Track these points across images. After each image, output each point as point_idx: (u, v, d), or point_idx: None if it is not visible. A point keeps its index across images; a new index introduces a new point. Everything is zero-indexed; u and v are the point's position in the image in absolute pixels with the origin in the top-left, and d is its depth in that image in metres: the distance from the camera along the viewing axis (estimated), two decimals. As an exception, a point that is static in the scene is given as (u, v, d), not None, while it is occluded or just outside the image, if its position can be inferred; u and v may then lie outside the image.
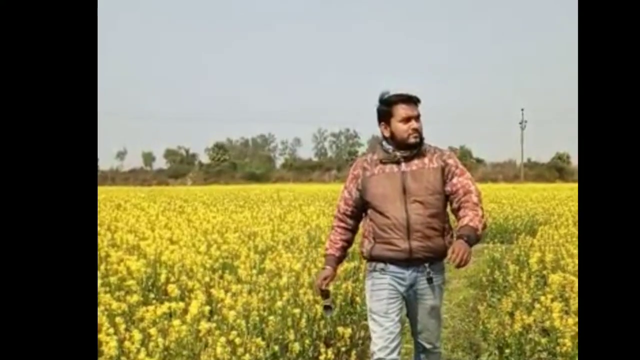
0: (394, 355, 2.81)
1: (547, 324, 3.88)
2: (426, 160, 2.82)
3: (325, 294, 2.92)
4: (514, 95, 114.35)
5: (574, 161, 57.40)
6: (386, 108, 2.83)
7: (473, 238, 2.66)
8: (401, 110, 2.79)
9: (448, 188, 2.80)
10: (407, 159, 2.81)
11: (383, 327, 2.82)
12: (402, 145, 2.80)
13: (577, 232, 6.75)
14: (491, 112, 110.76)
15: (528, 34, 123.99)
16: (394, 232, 2.75)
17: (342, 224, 2.99)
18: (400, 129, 2.78)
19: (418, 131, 2.79)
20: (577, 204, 11.85)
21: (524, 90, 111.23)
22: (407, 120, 2.78)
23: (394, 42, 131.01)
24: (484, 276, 6.37)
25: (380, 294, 2.83)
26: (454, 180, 2.81)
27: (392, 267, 2.80)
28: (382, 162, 2.83)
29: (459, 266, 2.64)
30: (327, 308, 2.98)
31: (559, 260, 5.36)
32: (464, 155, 61.12)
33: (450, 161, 2.84)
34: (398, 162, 2.81)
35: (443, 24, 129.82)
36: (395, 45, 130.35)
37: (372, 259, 2.86)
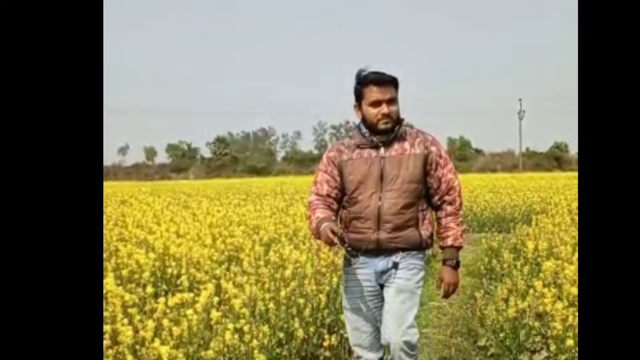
0: (372, 354, 2.70)
1: (541, 309, 4.05)
2: (407, 145, 2.59)
3: (342, 239, 2.51)
4: (512, 85, 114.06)
5: (572, 150, 57.59)
6: (359, 88, 2.59)
7: (458, 258, 2.69)
8: (371, 93, 2.54)
9: (430, 180, 2.63)
10: (386, 144, 2.58)
11: (353, 326, 2.72)
12: (374, 130, 2.58)
13: (570, 221, 6.94)
14: (490, 102, 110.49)
15: (526, 24, 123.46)
16: (364, 222, 2.58)
17: (327, 204, 2.65)
18: (370, 113, 2.55)
19: (390, 116, 2.54)
20: (573, 192, 12.04)
21: (522, 80, 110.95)
22: (377, 104, 2.53)
23: (394, 34, 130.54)
24: (482, 265, 6.55)
25: (353, 290, 2.69)
26: (438, 174, 2.63)
27: (362, 257, 2.64)
28: (359, 146, 2.61)
29: (446, 297, 2.74)
30: (351, 254, 2.61)
31: (553, 248, 5.54)
32: (463, 145, 61.23)
33: (433, 149, 2.62)
34: (377, 147, 2.59)
35: (442, 15, 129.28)
36: (395, 37, 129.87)
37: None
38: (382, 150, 2.58)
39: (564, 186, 16.35)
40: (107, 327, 3.22)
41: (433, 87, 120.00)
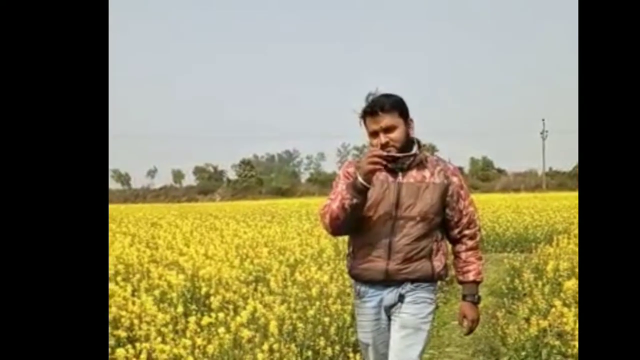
0: None
1: (562, 328, 4.13)
2: (427, 173, 2.43)
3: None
4: (535, 105, 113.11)
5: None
6: (362, 117, 2.45)
7: (479, 294, 2.57)
8: (368, 124, 2.41)
9: (451, 212, 2.48)
10: (404, 170, 2.42)
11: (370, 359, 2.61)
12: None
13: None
14: (512, 122, 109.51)
15: (550, 44, 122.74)
16: (373, 250, 2.43)
17: None
18: (371, 143, 2.42)
19: (389, 145, 2.37)
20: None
21: (545, 100, 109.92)
22: (374, 134, 2.40)
23: (414, 56, 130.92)
24: (504, 284, 6.63)
25: (365, 325, 2.55)
26: (460, 206, 2.49)
27: (371, 291, 2.50)
28: None
29: (470, 333, 2.58)
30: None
31: (574, 268, 5.60)
32: (486, 165, 60.88)
33: (455, 179, 2.48)
34: (394, 172, 2.42)
35: (463, 35, 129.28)
36: (415, 59, 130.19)
37: (352, 277, 2.58)
38: (399, 175, 2.41)
39: (588, 206, 16.16)
40: (142, 345, 3.43)
41: (455, 108, 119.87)
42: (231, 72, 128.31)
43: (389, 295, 2.48)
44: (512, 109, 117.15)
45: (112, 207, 26.84)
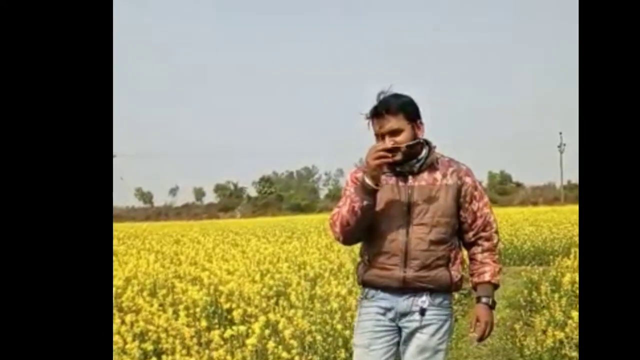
0: None
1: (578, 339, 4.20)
2: (438, 175, 2.35)
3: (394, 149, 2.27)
4: (552, 118, 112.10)
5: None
6: (369, 118, 2.39)
7: (494, 298, 2.44)
8: (374, 126, 2.35)
9: (464, 214, 2.39)
10: (415, 173, 2.34)
11: None
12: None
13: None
14: (530, 135, 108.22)
15: (566, 57, 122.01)
16: (389, 257, 2.33)
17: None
18: None
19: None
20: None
21: (563, 113, 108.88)
22: (379, 137, 2.33)
23: (434, 70, 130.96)
24: (522, 297, 6.69)
25: (365, 325, 2.41)
26: (474, 207, 2.39)
27: (382, 294, 2.38)
28: (385, 172, 2.35)
29: (481, 340, 2.43)
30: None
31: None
32: (504, 179, 60.39)
33: (468, 180, 2.38)
34: (404, 175, 2.35)
35: (479, 47, 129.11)
36: (435, 73, 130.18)
37: (364, 284, 2.45)
38: (410, 179, 2.35)
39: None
40: (168, 359, 3.59)
41: (472, 122, 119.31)
42: (250, 89, 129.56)
43: (404, 302, 2.36)
44: (529, 122, 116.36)
45: (136, 225, 27.39)
